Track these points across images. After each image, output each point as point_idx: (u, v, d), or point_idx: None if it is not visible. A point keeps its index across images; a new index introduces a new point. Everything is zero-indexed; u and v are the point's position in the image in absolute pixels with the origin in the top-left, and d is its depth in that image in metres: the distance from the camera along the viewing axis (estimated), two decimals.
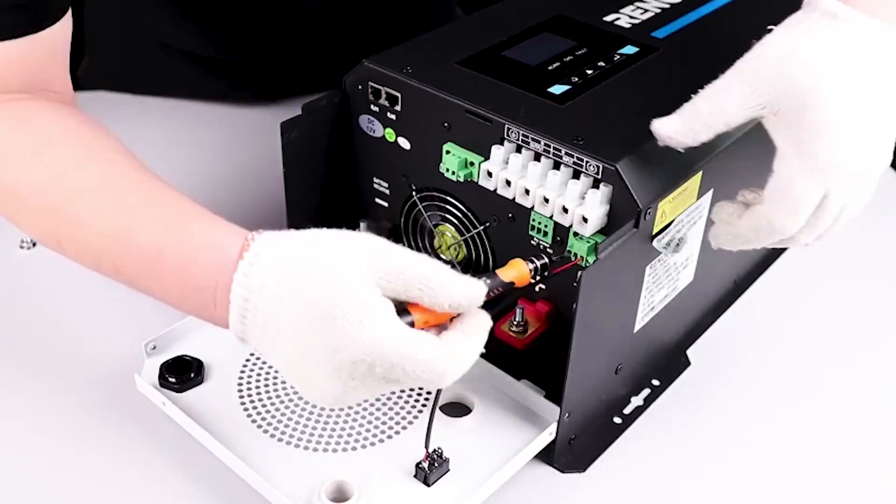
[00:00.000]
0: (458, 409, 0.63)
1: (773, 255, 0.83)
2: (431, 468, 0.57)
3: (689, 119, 0.56)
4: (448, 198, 0.67)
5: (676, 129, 0.56)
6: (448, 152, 0.64)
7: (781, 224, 0.55)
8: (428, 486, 0.57)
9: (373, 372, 0.48)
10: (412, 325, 0.50)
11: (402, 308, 0.50)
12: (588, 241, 0.59)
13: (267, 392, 0.63)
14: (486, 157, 0.62)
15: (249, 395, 0.63)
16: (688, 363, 0.72)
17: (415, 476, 0.58)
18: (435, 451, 0.57)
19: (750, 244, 0.58)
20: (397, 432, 0.61)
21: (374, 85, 0.66)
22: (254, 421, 0.61)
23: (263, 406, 0.62)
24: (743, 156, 0.65)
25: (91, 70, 1.00)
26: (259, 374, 0.64)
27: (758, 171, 0.57)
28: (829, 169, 0.54)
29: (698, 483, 0.63)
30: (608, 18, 0.74)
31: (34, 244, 0.78)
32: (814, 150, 0.54)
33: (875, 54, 0.55)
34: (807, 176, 0.54)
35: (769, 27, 0.57)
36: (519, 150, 0.61)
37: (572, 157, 0.59)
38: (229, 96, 0.98)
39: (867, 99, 0.54)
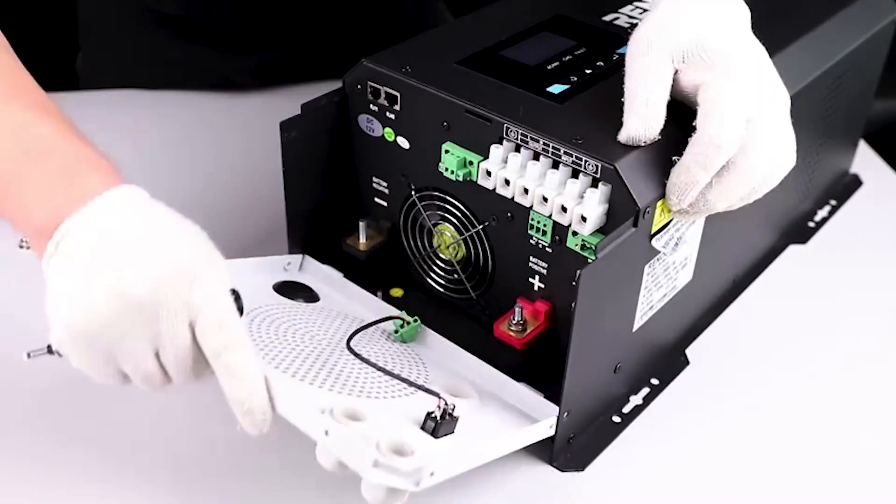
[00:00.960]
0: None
1: (772, 254, 0.83)
2: (443, 419, 0.56)
3: (635, 112, 0.58)
4: (447, 197, 0.67)
5: (633, 127, 0.58)
6: (447, 151, 0.64)
7: (713, 133, 0.56)
8: (435, 437, 0.56)
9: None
10: None
11: None
12: None
13: (278, 345, 0.61)
14: (485, 157, 0.62)
15: (260, 345, 0.61)
16: (687, 362, 0.72)
17: (422, 427, 0.57)
18: (448, 405, 0.57)
19: (692, 173, 0.57)
20: (411, 393, 0.60)
21: (374, 84, 0.66)
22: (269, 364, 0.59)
23: (275, 353, 0.60)
24: None
25: (87, 62, 1.01)
26: (269, 330, 0.63)
27: None
28: (743, 80, 0.57)
29: (697, 482, 0.63)
30: (607, 18, 0.74)
31: None
32: (725, 65, 0.58)
33: (733, 14, 0.61)
34: (729, 86, 0.57)
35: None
36: (518, 149, 0.61)
37: (571, 156, 0.59)
38: (229, 73, 0.98)
39: (745, 35, 0.60)
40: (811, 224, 0.88)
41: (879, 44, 0.86)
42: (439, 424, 0.56)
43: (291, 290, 0.70)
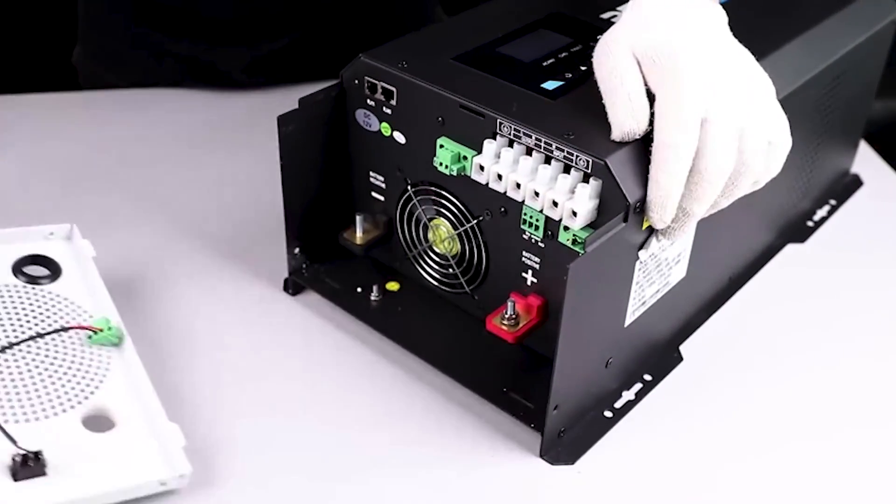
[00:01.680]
0: (101, 422, 0.60)
1: (769, 253, 0.83)
2: (25, 465, 0.54)
3: (621, 107, 0.59)
4: (442, 192, 0.67)
5: (624, 122, 0.59)
6: (441, 146, 0.64)
7: (664, 137, 0.57)
8: (16, 481, 0.54)
9: None
10: None
11: None
12: None
13: None
14: (479, 152, 0.63)
15: None
16: (680, 359, 0.72)
17: (10, 466, 0.55)
18: (32, 453, 0.55)
19: (661, 184, 0.58)
20: (17, 421, 0.58)
21: (371, 80, 0.67)
22: None
23: None
24: None
25: (84, 57, 1.02)
26: None
27: None
28: (693, 82, 0.58)
29: (689, 477, 0.63)
30: (605, 16, 0.75)
31: None
32: (673, 68, 0.58)
33: (703, 16, 0.62)
34: (676, 87, 0.57)
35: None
36: (511, 144, 0.62)
37: (563, 151, 0.59)
38: (227, 69, 0.99)
39: (705, 36, 0.60)
40: (810, 223, 0.88)
41: (879, 44, 0.86)
42: (20, 469, 0.54)
43: (33, 264, 0.68)
